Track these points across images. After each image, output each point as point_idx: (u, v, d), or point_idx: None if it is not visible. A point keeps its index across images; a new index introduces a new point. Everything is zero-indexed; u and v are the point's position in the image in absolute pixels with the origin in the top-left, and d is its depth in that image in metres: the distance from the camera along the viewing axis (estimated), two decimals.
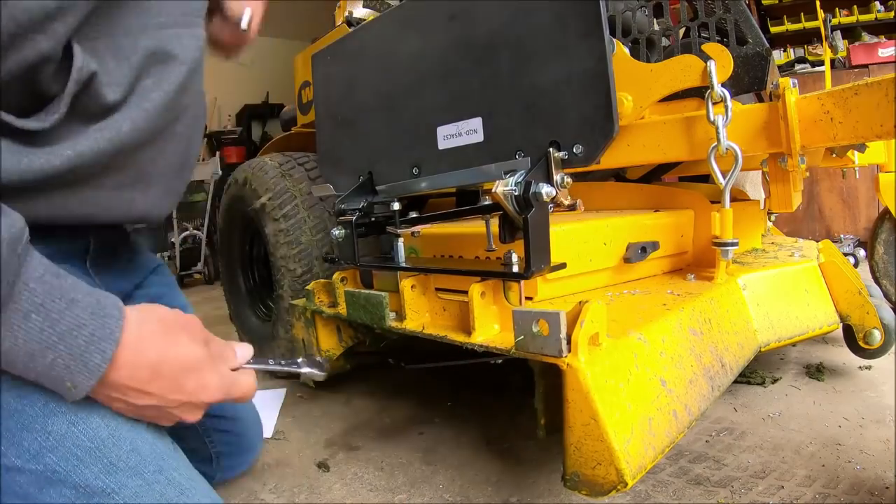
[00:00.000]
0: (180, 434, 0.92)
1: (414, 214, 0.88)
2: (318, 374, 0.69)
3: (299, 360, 0.70)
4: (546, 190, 0.62)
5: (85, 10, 0.53)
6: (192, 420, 0.58)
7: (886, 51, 3.09)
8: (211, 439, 0.93)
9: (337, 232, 0.87)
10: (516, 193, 0.63)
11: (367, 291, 0.88)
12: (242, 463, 0.98)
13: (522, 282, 0.74)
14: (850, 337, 1.07)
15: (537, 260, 0.64)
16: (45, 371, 0.48)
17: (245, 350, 0.62)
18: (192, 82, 0.64)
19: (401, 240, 0.86)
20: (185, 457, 0.64)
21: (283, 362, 0.69)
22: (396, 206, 0.85)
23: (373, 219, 0.88)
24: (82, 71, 0.53)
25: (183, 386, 0.55)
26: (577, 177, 0.70)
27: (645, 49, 1.13)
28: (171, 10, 0.61)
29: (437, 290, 0.84)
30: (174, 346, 0.55)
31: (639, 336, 0.67)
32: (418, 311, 0.82)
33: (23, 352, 0.47)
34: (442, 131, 0.77)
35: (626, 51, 1.01)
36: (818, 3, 2.16)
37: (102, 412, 0.57)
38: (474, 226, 0.95)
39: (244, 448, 0.97)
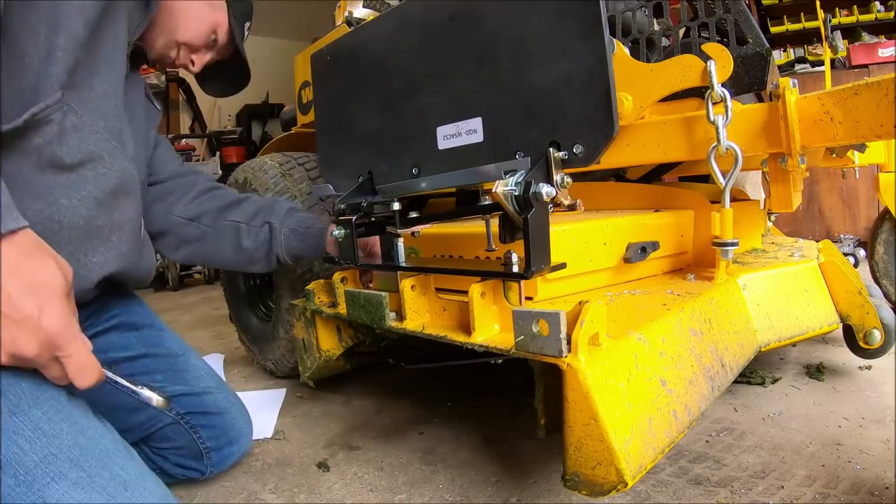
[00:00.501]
0: (168, 434, 0.93)
1: (414, 214, 0.88)
2: (156, 399, 0.73)
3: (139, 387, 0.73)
4: (546, 190, 0.62)
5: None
6: (28, 351, 0.56)
7: (886, 51, 3.09)
8: (198, 435, 0.95)
9: (337, 232, 0.87)
10: (516, 193, 0.63)
11: (367, 291, 0.88)
12: (230, 455, 0.99)
13: (522, 282, 0.74)
14: (850, 337, 1.07)
15: (537, 260, 0.64)
16: None
17: (87, 342, 0.62)
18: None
19: (401, 240, 0.86)
20: (136, 455, 0.67)
21: (126, 381, 0.72)
22: (396, 206, 0.85)
23: (373, 219, 0.88)
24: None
25: (31, 296, 0.55)
26: (577, 177, 0.70)
27: (645, 49, 1.13)
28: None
29: (437, 290, 0.84)
30: (41, 263, 0.56)
31: (639, 336, 0.67)
32: (418, 311, 0.82)
33: None
34: (442, 131, 0.77)
35: (626, 51, 1.01)
36: (818, 3, 2.16)
37: (45, 408, 0.61)
38: (474, 226, 0.95)
39: (231, 440, 0.98)
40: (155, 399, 0.73)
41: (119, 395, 0.87)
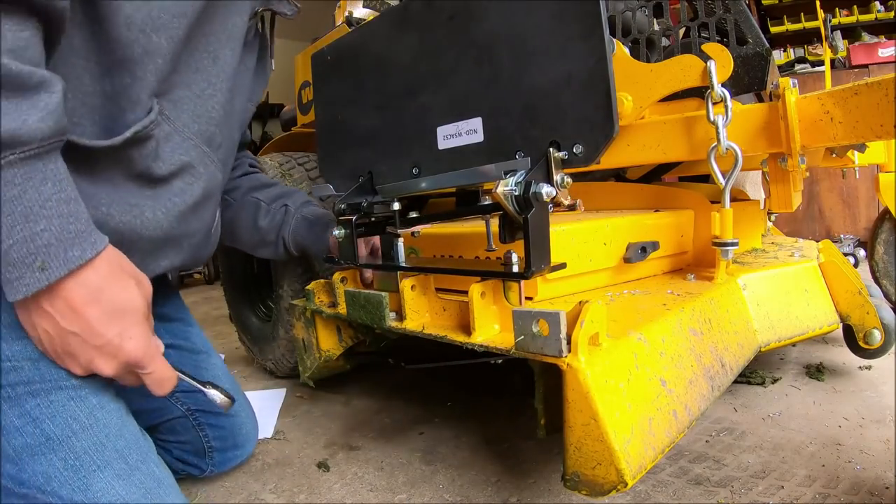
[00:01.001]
0: (175, 427, 0.94)
1: (414, 214, 0.88)
2: (220, 398, 0.76)
3: (207, 386, 0.76)
4: (546, 190, 0.62)
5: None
6: (106, 371, 0.58)
7: (886, 51, 3.09)
8: (205, 433, 0.95)
9: (337, 232, 0.87)
10: (516, 193, 0.63)
11: (367, 291, 0.88)
12: (233, 458, 0.99)
13: (522, 282, 0.74)
14: (850, 337, 1.07)
15: (538, 260, 0.64)
16: (24, 239, 0.49)
17: (160, 343, 0.65)
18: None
19: (401, 240, 0.86)
20: (160, 458, 0.68)
21: (195, 382, 0.75)
22: (396, 206, 0.85)
23: (373, 219, 0.88)
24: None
25: (112, 324, 0.56)
26: (577, 177, 0.70)
27: (645, 49, 1.13)
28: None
29: (437, 290, 0.84)
30: (122, 287, 0.56)
31: (639, 336, 0.67)
32: (418, 311, 0.82)
33: (21, 208, 0.49)
34: (442, 131, 0.77)
35: (626, 51, 1.01)
36: (818, 3, 2.16)
37: (100, 398, 0.62)
38: (474, 226, 0.95)
39: (237, 444, 0.98)
40: (219, 399, 0.75)
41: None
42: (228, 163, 0.90)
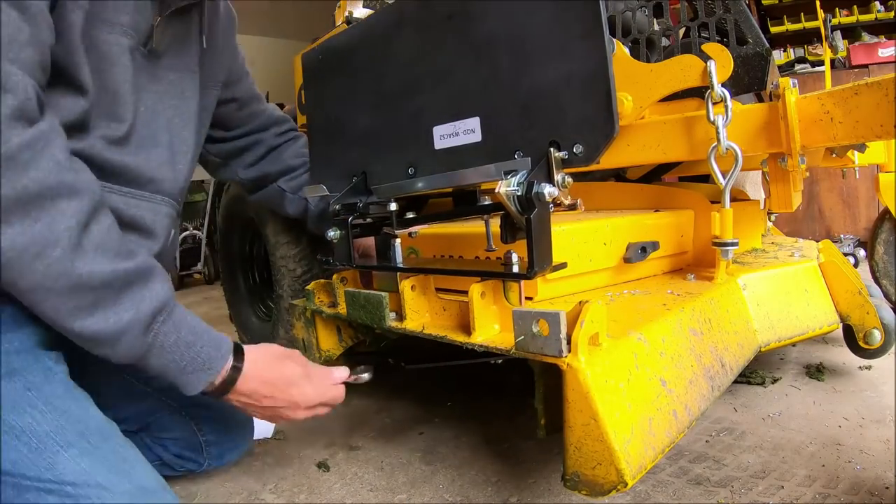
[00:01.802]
0: (167, 424, 0.94)
1: (411, 215, 0.87)
2: (366, 377, 0.86)
3: (360, 367, 0.87)
4: (548, 190, 0.61)
5: None
6: (297, 417, 0.79)
7: (886, 51, 3.09)
8: (199, 427, 0.95)
9: (332, 233, 0.87)
10: (519, 194, 0.63)
11: (367, 291, 0.88)
12: (231, 451, 0.99)
13: (522, 282, 0.74)
14: (850, 337, 1.06)
15: (540, 260, 0.64)
16: (193, 358, 0.68)
17: (341, 371, 0.83)
18: None
19: (398, 240, 0.86)
20: (129, 441, 0.75)
21: (356, 371, 0.86)
22: (394, 206, 0.84)
23: (369, 219, 0.88)
24: None
25: (290, 393, 0.76)
26: (577, 177, 0.70)
27: (645, 49, 1.13)
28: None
29: (437, 290, 0.84)
30: (283, 369, 0.77)
31: (639, 336, 0.67)
32: (418, 312, 0.82)
33: (182, 344, 0.67)
34: (438, 131, 0.77)
35: (626, 51, 1.01)
36: (818, 3, 2.16)
37: (56, 387, 0.69)
38: (474, 226, 0.95)
39: (233, 436, 0.98)
40: (367, 375, 0.86)
41: (119, 385, 0.89)
42: (188, 171, 0.95)
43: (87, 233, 0.60)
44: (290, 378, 0.77)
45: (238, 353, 0.73)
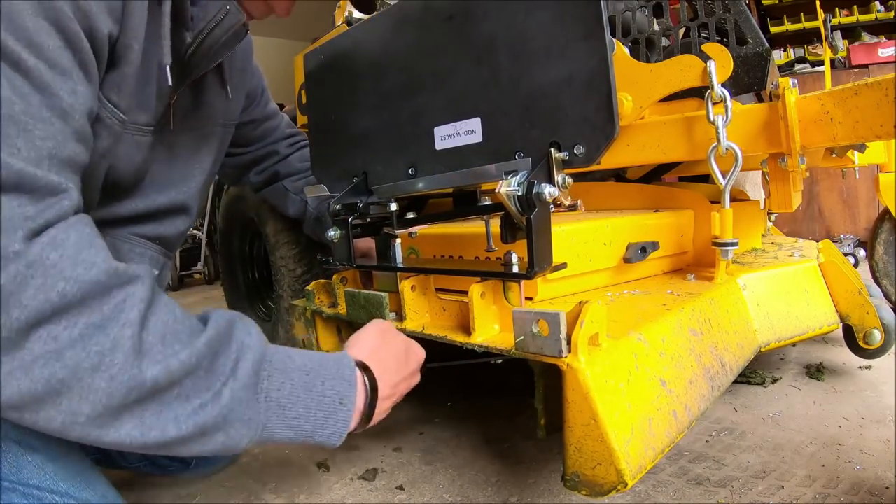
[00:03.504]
0: None
1: (412, 215, 0.87)
2: None
3: None
4: (549, 190, 0.62)
5: None
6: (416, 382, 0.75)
7: (886, 51, 3.09)
8: None
9: (332, 233, 0.87)
10: (519, 194, 0.63)
11: (367, 292, 0.88)
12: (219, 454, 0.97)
13: (522, 282, 0.74)
14: (850, 337, 1.06)
15: (540, 260, 0.64)
16: (318, 399, 0.58)
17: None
18: None
19: (398, 240, 0.86)
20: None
21: None
22: (394, 206, 0.84)
23: (369, 219, 0.88)
24: None
25: (410, 377, 0.72)
26: (577, 177, 0.70)
27: (645, 49, 1.13)
28: None
29: (437, 290, 0.84)
30: (398, 371, 0.69)
31: (639, 336, 0.67)
32: (418, 312, 0.82)
33: (299, 390, 0.57)
34: (439, 131, 0.77)
35: (626, 51, 1.01)
36: (818, 3, 2.16)
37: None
38: (474, 226, 0.95)
39: None
40: None
41: None
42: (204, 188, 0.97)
43: (147, 325, 0.48)
44: (404, 351, 0.72)
45: (363, 367, 0.64)
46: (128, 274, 0.48)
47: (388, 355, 0.68)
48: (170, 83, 0.69)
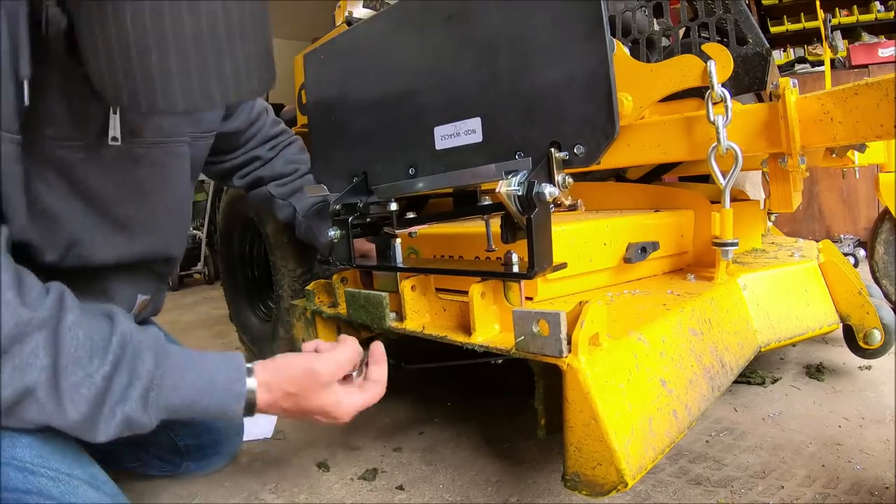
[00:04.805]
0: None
1: (412, 215, 0.87)
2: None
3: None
4: (549, 190, 0.62)
5: None
6: (346, 421, 0.71)
7: (886, 51, 3.09)
8: (175, 432, 0.94)
9: (332, 233, 0.87)
10: (519, 194, 0.63)
11: (367, 292, 0.88)
12: (213, 456, 0.99)
13: (522, 282, 0.74)
14: (850, 337, 1.06)
15: (540, 260, 0.64)
16: (205, 409, 0.64)
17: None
18: None
19: (398, 240, 0.86)
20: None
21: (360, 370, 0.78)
22: (394, 206, 0.84)
23: (369, 219, 0.88)
24: None
25: (320, 417, 0.69)
26: (577, 177, 0.70)
27: (645, 49, 1.13)
28: None
29: (437, 290, 0.84)
30: (299, 411, 0.68)
31: (639, 336, 0.67)
32: (418, 312, 0.82)
33: (188, 400, 0.63)
34: (439, 131, 0.77)
35: (626, 51, 1.01)
36: (818, 3, 2.16)
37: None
38: (474, 226, 0.95)
39: (215, 442, 0.97)
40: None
41: None
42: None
43: (58, 371, 0.57)
44: (317, 410, 0.70)
45: (249, 374, 0.67)
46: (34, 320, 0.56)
47: (292, 402, 0.68)
48: (26, 102, 0.61)
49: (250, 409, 0.66)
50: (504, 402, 1.22)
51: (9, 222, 0.65)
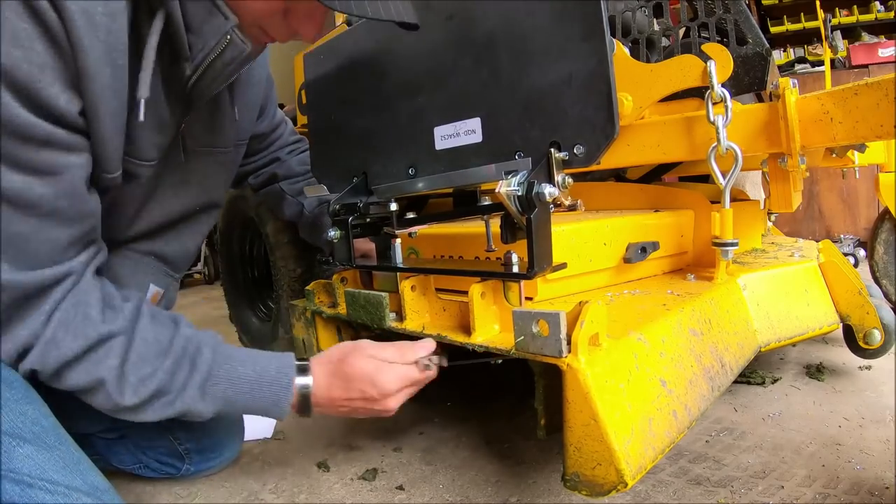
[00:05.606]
0: (145, 433, 0.93)
1: (412, 215, 0.88)
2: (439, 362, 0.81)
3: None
4: (549, 190, 0.62)
5: None
6: (389, 408, 0.79)
7: (886, 51, 3.09)
8: (175, 436, 0.94)
9: (332, 233, 0.87)
10: (519, 194, 0.63)
11: (367, 292, 0.88)
12: (212, 458, 0.99)
13: (522, 282, 0.74)
14: (850, 337, 1.06)
15: (540, 260, 0.64)
16: (258, 402, 0.73)
17: (423, 346, 0.78)
18: None
19: (398, 240, 0.86)
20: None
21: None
22: (394, 206, 0.85)
23: (369, 219, 0.88)
24: None
25: (367, 392, 0.75)
26: (577, 177, 0.70)
27: (645, 49, 1.13)
28: None
29: (437, 290, 0.84)
30: (350, 371, 0.75)
31: (639, 336, 0.67)
32: (418, 312, 0.82)
33: (242, 390, 0.72)
34: (439, 131, 0.77)
35: (626, 51, 1.01)
36: (818, 3, 2.16)
37: (14, 392, 0.67)
38: (474, 226, 0.95)
39: (214, 444, 0.98)
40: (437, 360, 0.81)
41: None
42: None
43: (126, 368, 0.67)
44: (361, 378, 0.75)
45: (303, 371, 0.75)
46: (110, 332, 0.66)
47: (340, 377, 0.76)
48: (141, 118, 0.66)
49: (304, 401, 0.75)
50: (504, 402, 1.22)
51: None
